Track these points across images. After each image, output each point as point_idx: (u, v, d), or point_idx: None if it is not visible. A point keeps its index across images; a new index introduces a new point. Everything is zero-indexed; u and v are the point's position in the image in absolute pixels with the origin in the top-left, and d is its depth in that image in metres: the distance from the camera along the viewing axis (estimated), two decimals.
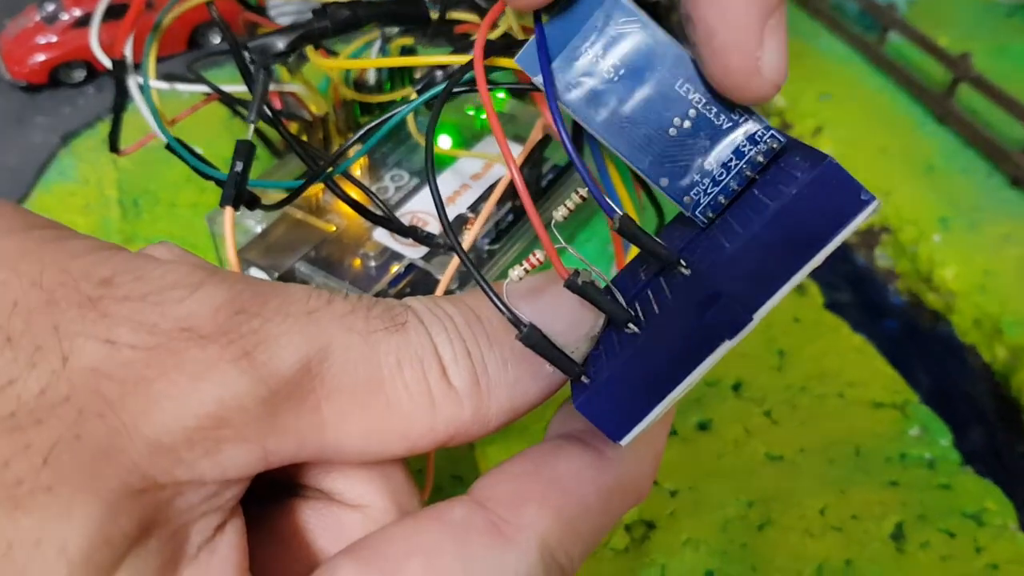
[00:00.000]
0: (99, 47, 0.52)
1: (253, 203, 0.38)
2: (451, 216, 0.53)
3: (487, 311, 0.25)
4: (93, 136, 0.68)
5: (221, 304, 0.22)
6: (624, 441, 0.22)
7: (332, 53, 0.52)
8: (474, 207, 0.54)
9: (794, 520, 0.45)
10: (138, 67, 0.44)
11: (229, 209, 0.34)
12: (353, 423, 0.23)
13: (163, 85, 0.47)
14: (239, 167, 0.35)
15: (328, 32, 0.50)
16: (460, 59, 0.34)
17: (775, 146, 0.24)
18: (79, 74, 0.72)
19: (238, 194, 0.35)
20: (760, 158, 0.24)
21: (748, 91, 0.23)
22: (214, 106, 0.48)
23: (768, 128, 0.24)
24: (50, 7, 0.72)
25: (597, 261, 0.58)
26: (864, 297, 0.65)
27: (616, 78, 0.24)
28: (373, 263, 0.52)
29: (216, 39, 0.75)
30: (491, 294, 0.23)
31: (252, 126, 0.37)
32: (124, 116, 0.51)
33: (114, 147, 0.49)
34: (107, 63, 0.48)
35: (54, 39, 0.70)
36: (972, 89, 0.69)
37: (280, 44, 0.43)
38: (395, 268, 0.50)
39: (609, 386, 0.22)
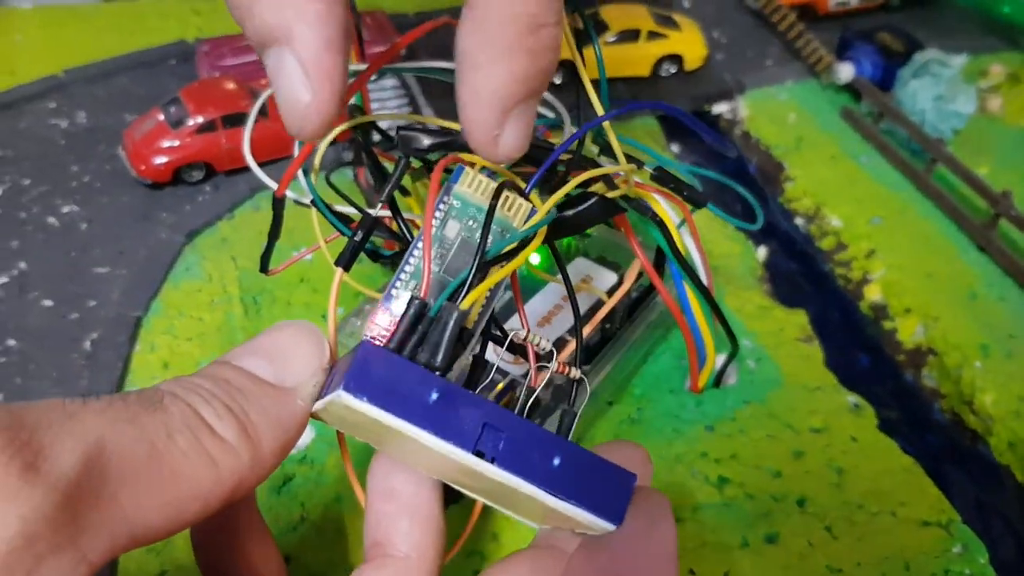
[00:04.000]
0: (255, 163, 0.57)
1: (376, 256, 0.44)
2: (553, 337, 0.60)
3: (230, 374, 0.29)
4: (214, 235, 0.75)
5: None
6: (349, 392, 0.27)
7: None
8: (569, 330, 0.60)
9: None
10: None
11: (340, 270, 0.39)
12: (149, 500, 0.25)
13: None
14: (359, 236, 0.40)
15: (466, 149, 0.56)
16: None
17: None
18: (198, 174, 0.79)
19: (351, 258, 0.40)
20: None
21: (486, 156, 0.31)
22: None
23: None
24: (174, 110, 0.79)
25: (671, 373, 0.64)
26: (910, 413, 0.71)
27: None
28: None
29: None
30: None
31: (380, 204, 0.42)
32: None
33: (264, 268, 0.55)
34: (266, 180, 0.54)
35: (177, 143, 0.77)
36: (1011, 224, 0.76)
37: (425, 142, 0.47)
38: (501, 385, 0.56)
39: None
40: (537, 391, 0.37)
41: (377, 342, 0.31)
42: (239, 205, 0.78)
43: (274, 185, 0.48)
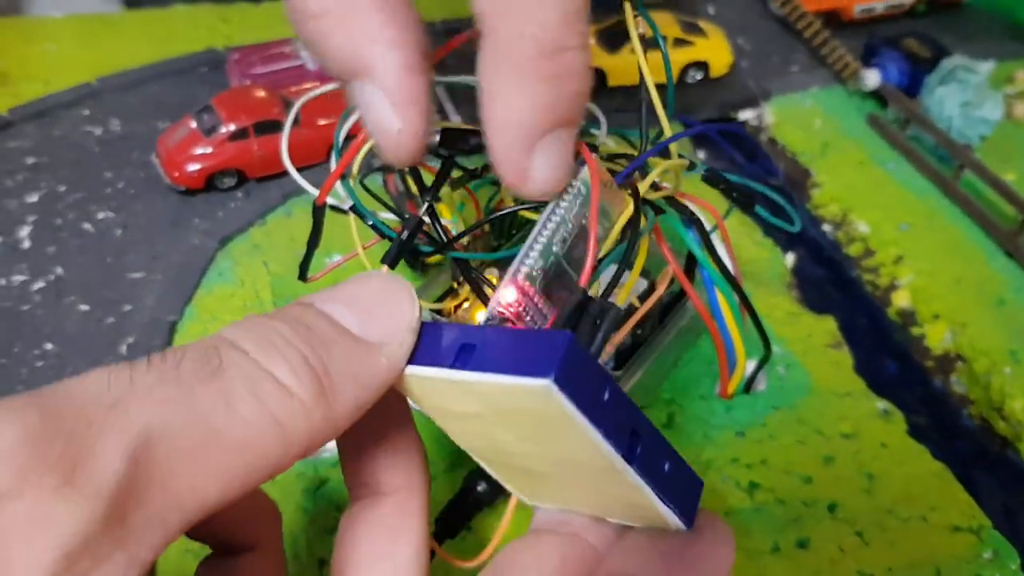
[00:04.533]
0: (293, 167, 0.58)
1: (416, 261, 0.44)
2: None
3: (313, 319, 0.26)
4: (246, 241, 0.76)
5: (16, 440, 0.20)
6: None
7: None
8: None
9: None
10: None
11: (385, 267, 0.39)
12: (205, 479, 0.23)
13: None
14: (405, 235, 0.41)
15: None
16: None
17: None
18: (230, 181, 0.80)
19: (397, 256, 0.41)
20: None
21: (519, 190, 0.29)
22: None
23: None
24: (206, 118, 0.80)
25: (701, 379, 0.64)
26: (939, 420, 0.71)
27: None
28: None
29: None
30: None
31: (426, 204, 0.41)
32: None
33: (303, 276, 0.55)
34: (306, 186, 0.55)
35: (210, 150, 0.78)
36: None
37: (472, 142, 0.48)
38: None
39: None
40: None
41: (506, 314, 0.31)
42: (271, 211, 0.79)
43: (313, 191, 0.49)
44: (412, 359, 0.28)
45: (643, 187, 0.37)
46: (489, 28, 0.26)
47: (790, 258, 0.79)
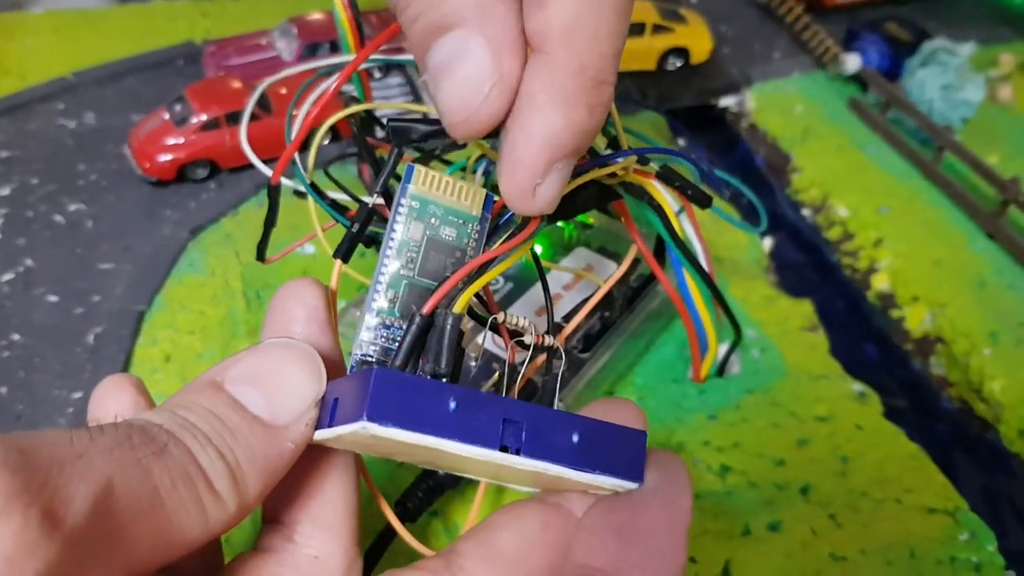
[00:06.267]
0: (254, 154, 0.58)
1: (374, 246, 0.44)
2: (546, 324, 0.59)
3: (222, 410, 0.28)
4: (217, 231, 0.75)
5: None
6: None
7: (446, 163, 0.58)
8: (567, 317, 0.60)
9: None
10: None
11: (339, 262, 0.39)
12: (144, 544, 0.25)
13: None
14: (355, 228, 0.40)
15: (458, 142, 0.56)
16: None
17: None
18: (202, 172, 0.79)
19: (349, 249, 0.40)
20: None
21: (517, 204, 0.29)
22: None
23: None
24: (178, 108, 0.80)
25: (674, 363, 0.64)
26: (918, 402, 0.70)
27: None
28: (474, 364, 0.58)
29: (326, 140, 0.82)
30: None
31: (375, 195, 0.41)
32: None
33: (261, 256, 0.55)
34: (263, 168, 0.54)
35: (182, 140, 0.78)
36: (1020, 211, 0.75)
37: (416, 132, 0.47)
38: (498, 374, 0.56)
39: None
40: (523, 370, 0.37)
41: (370, 358, 0.32)
42: (243, 202, 0.78)
43: (271, 174, 0.48)
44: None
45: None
46: (551, 49, 0.26)
47: (768, 242, 0.78)
